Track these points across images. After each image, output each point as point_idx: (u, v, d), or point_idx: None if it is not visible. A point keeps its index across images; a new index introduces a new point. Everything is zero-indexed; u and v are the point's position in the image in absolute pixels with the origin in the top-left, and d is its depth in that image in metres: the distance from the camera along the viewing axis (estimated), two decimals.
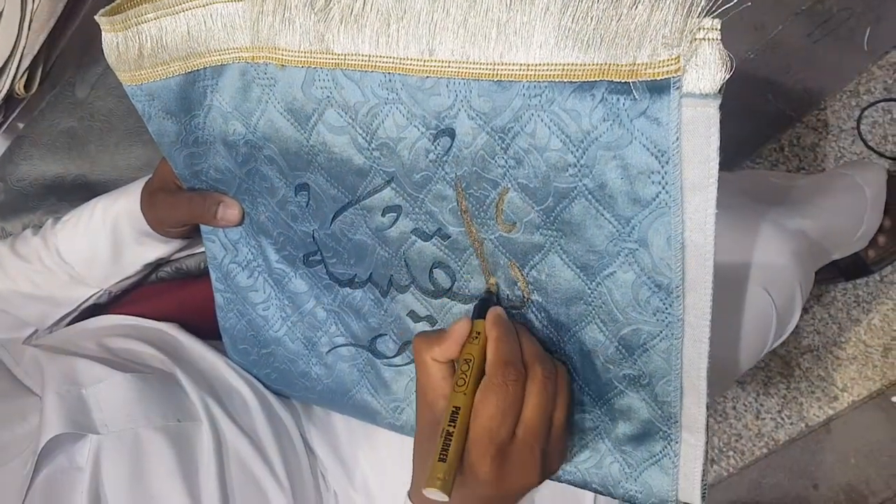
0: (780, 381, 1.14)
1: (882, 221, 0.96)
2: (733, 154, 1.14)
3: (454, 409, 0.43)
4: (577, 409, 0.51)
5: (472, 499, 0.45)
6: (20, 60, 0.77)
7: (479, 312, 0.47)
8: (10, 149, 0.77)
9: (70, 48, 0.83)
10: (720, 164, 0.37)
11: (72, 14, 0.79)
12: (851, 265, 1.00)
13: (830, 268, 0.97)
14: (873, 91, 1.05)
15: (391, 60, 0.42)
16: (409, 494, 0.49)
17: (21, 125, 0.83)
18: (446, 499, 0.40)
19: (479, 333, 0.45)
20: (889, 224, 0.97)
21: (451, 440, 0.42)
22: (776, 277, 0.59)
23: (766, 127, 1.11)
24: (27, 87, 0.78)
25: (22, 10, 0.75)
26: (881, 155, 1.05)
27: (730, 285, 0.56)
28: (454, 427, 0.42)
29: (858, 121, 1.06)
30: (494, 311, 0.46)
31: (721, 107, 0.36)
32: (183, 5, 0.46)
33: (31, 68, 0.77)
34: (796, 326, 0.64)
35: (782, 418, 1.15)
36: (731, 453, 1.19)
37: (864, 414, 1.10)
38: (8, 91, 0.77)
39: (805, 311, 1.11)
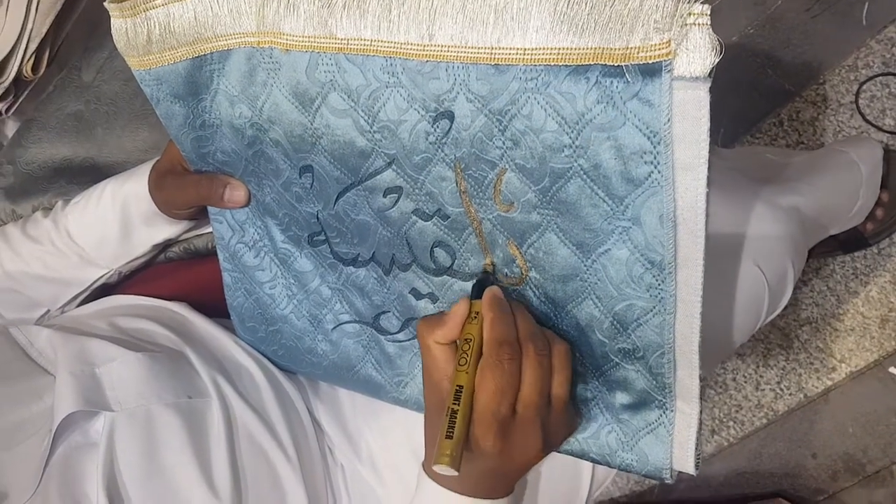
0: (779, 352, 1.16)
1: (879, 195, 0.96)
2: (732, 128, 1.14)
3: (457, 387, 0.45)
4: (576, 380, 0.52)
5: (480, 472, 0.48)
6: (27, 43, 0.78)
7: (478, 292, 0.49)
8: (18, 132, 0.79)
9: (76, 32, 0.84)
10: (718, 140, 0.38)
11: None
12: (849, 238, 1.01)
13: (829, 241, 0.98)
14: (871, 65, 1.06)
15: (392, 45, 0.43)
16: (423, 466, 0.51)
17: (29, 109, 0.85)
18: (455, 473, 0.42)
19: (477, 313, 0.47)
20: (887, 198, 0.98)
21: (456, 418, 0.44)
22: (768, 254, 0.60)
23: (766, 101, 1.12)
24: (35, 69, 0.79)
25: None
26: (879, 129, 1.05)
27: (722, 261, 0.58)
28: (458, 405, 0.44)
29: (857, 95, 1.06)
30: (490, 291, 0.48)
31: (720, 82, 0.36)
32: None
33: (39, 51, 0.79)
34: (795, 298, 0.65)
35: (781, 389, 1.17)
36: (731, 424, 1.21)
37: (861, 384, 1.12)
38: (16, 73, 0.78)
39: (803, 283, 1.13)
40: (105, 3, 0.48)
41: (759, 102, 1.12)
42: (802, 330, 1.14)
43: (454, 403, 0.44)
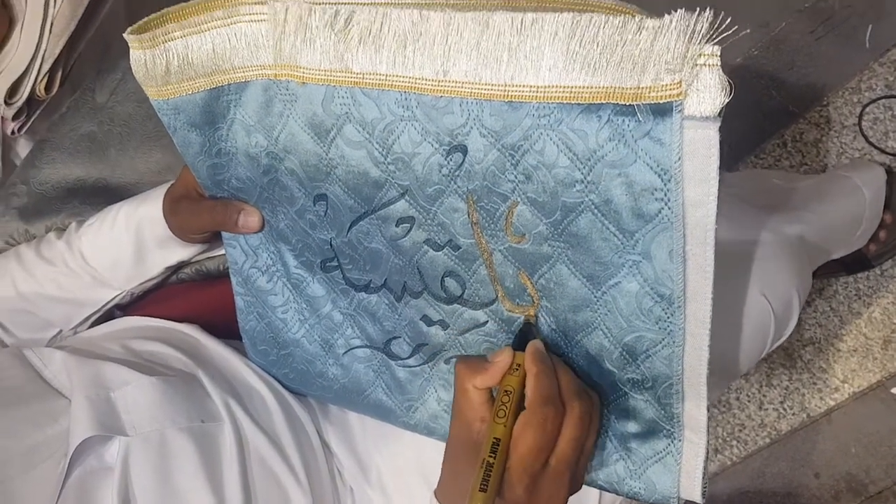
0: (782, 372, 1.17)
1: (883, 217, 0.97)
2: (737, 149, 1.15)
3: (495, 440, 0.45)
4: None
5: None
6: (41, 63, 0.79)
7: (519, 343, 0.49)
8: (32, 153, 0.79)
9: (88, 52, 0.85)
10: (724, 160, 0.39)
11: (90, 18, 0.81)
12: (853, 259, 1.01)
13: (832, 262, 0.99)
14: (875, 88, 1.07)
15: (407, 80, 0.44)
16: (436, 493, 0.52)
17: (43, 130, 0.86)
18: None
19: (518, 366, 0.47)
20: (890, 219, 0.98)
21: (491, 471, 0.44)
22: (774, 283, 0.61)
23: (770, 122, 1.13)
24: (48, 89, 0.80)
25: (44, 15, 0.77)
26: (882, 151, 1.06)
27: (729, 291, 0.58)
28: (494, 458, 0.44)
29: (860, 117, 1.07)
30: (534, 346, 0.48)
31: (726, 105, 0.37)
32: (208, 24, 0.48)
33: (52, 71, 0.80)
34: (798, 318, 0.66)
35: (784, 409, 1.17)
36: (734, 443, 1.21)
37: (864, 405, 1.13)
38: (29, 93, 0.79)
39: (807, 303, 1.13)
40: (125, 35, 0.49)
41: (764, 123, 1.13)
42: (806, 350, 1.14)
43: (490, 456, 0.44)
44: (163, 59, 0.50)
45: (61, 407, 0.55)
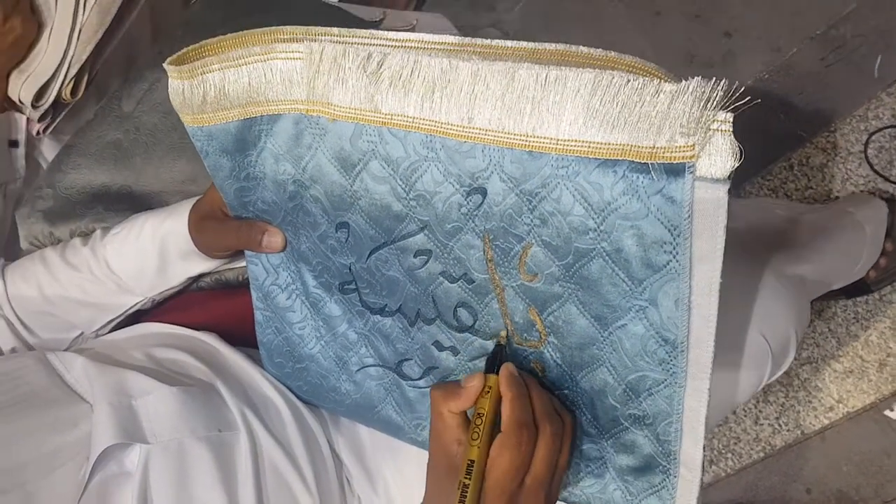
0: (779, 389, 1.19)
1: (884, 244, 0.99)
2: (745, 169, 1.17)
3: (469, 462, 0.48)
4: (586, 440, 0.55)
5: None
6: (68, 68, 0.81)
7: (490, 366, 0.52)
8: (58, 157, 0.82)
9: (114, 59, 0.87)
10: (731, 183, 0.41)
11: (117, 27, 0.83)
12: (852, 285, 1.04)
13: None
14: (881, 117, 1.09)
15: (433, 124, 0.46)
16: None
17: (69, 131, 0.88)
18: None
19: (490, 388, 0.50)
20: (891, 247, 1.00)
21: (467, 492, 0.47)
22: (773, 324, 0.64)
23: (778, 145, 1.15)
24: (73, 93, 0.82)
25: (73, 22, 0.79)
26: (886, 179, 1.08)
27: (730, 331, 0.61)
28: (469, 479, 0.47)
29: (866, 145, 1.09)
30: (507, 370, 0.50)
31: (736, 125, 0.39)
32: (246, 59, 0.50)
33: (78, 76, 0.82)
34: None
35: (780, 425, 1.20)
36: (729, 455, 1.24)
37: (857, 425, 1.15)
38: (55, 96, 0.82)
39: (807, 326, 1.15)
40: (164, 65, 0.51)
41: (771, 146, 1.15)
42: (803, 369, 1.17)
43: (466, 477, 0.47)
44: (200, 90, 0.52)
45: (82, 412, 0.57)
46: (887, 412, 1.12)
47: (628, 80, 0.40)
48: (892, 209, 0.99)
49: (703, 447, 0.49)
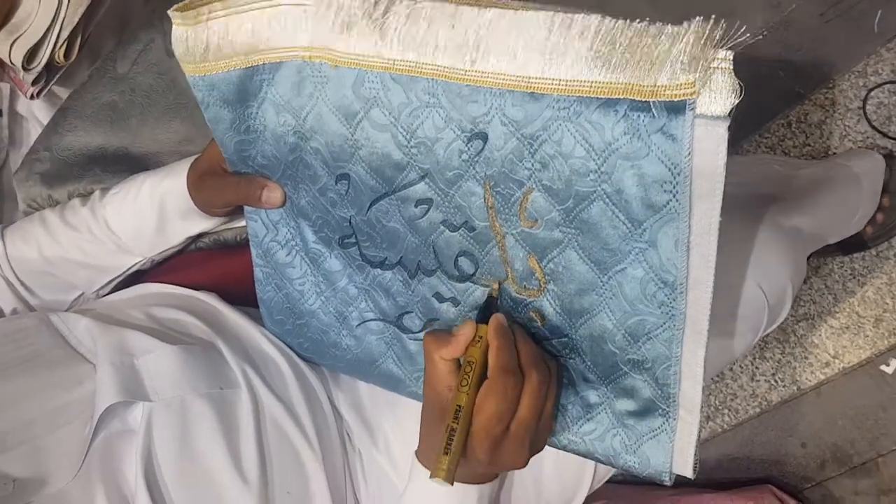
0: (775, 345, 1.20)
1: (881, 200, 1.00)
2: (743, 127, 1.17)
3: (457, 407, 0.49)
4: (585, 386, 0.56)
5: (470, 474, 0.55)
6: (60, 31, 0.80)
7: (482, 316, 0.53)
8: (54, 119, 0.81)
9: (108, 21, 0.86)
10: (729, 140, 0.41)
11: None
12: (849, 241, 1.04)
13: (829, 244, 1.02)
14: (880, 73, 1.08)
15: (436, 68, 0.46)
16: (416, 454, 0.57)
17: (63, 95, 0.87)
18: (450, 486, 0.48)
19: (481, 337, 0.51)
20: (888, 202, 1.00)
21: (454, 435, 0.48)
22: (770, 275, 0.64)
23: (776, 102, 1.14)
24: (66, 55, 0.82)
25: None
26: (884, 135, 1.08)
27: (727, 282, 0.61)
28: (457, 423, 0.48)
29: (864, 101, 1.09)
30: (496, 319, 0.52)
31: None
32: (252, 5, 0.49)
33: (70, 38, 0.81)
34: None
35: (776, 381, 1.21)
36: (725, 411, 1.25)
37: (853, 380, 1.16)
38: (48, 59, 0.81)
39: (803, 281, 1.16)
40: (168, 12, 0.51)
41: (769, 103, 1.14)
42: (799, 325, 1.18)
43: (454, 421, 0.49)
44: (203, 37, 0.51)
45: (86, 371, 0.58)
46: (883, 367, 1.13)
47: (630, 23, 0.40)
48: (889, 164, 0.99)
49: (703, 389, 0.50)
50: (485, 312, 0.54)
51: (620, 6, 0.45)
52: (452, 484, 0.48)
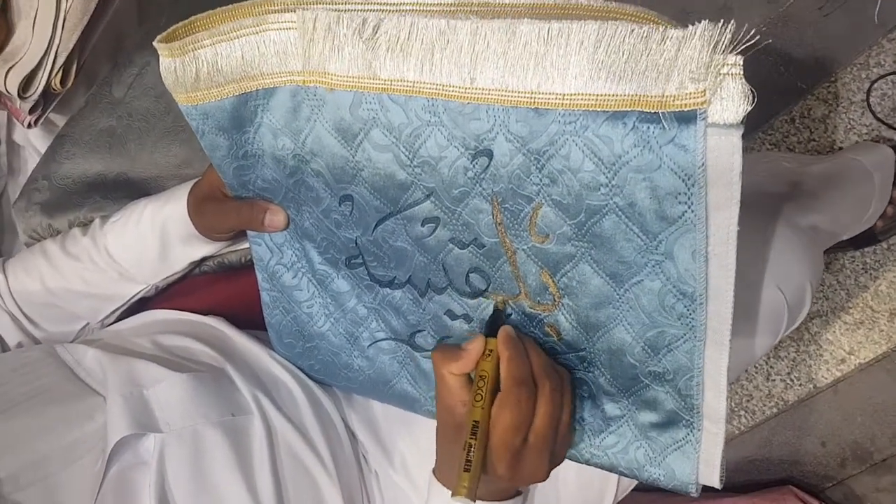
0: (789, 344, 1.19)
1: (892, 192, 0.98)
2: (746, 125, 1.16)
3: (474, 423, 0.48)
4: (606, 399, 0.55)
5: (492, 490, 0.54)
6: (55, 57, 0.79)
7: (490, 329, 0.52)
8: (52, 148, 0.80)
9: (101, 46, 0.85)
10: None
11: (102, 12, 0.81)
12: (860, 235, 1.03)
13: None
14: (883, 64, 1.07)
15: (434, 87, 0.45)
16: (434, 472, 0.56)
17: (60, 122, 0.87)
18: (472, 503, 0.47)
19: (491, 351, 0.51)
20: None
21: (473, 451, 0.47)
22: (788, 276, 0.63)
23: (778, 99, 1.13)
24: (63, 82, 0.81)
25: (56, 10, 0.77)
26: (890, 126, 1.07)
27: (745, 284, 0.60)
28: (475, 439, 0.48)
29: (868, 93, 1.08)
30: (505, 331, 0.51)
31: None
32: (238, 32, 0.48)
33: (66, 65, 0.80)
34: None
35: (791, 380, 1.20)
36: (742, 413, 1.24)
37: (870, 376, 1.15)
38: (44, 87, 0.80)
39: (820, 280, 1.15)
40: (154, 43, 0.50)
41: (771, 100, 1.13)
42: (812, 322, 1.16)
43: (471, 437, 0.48)
44: (192, 67, 0.50)
45: (96, 404, 0.57)
46: None
47: (633, 30, 0.39)
48: None
49: (726, 399, 0.49)
50: (492, 325, 0.53)
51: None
52: (475, 501, 0.47)
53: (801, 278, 0.64)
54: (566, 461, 0.58)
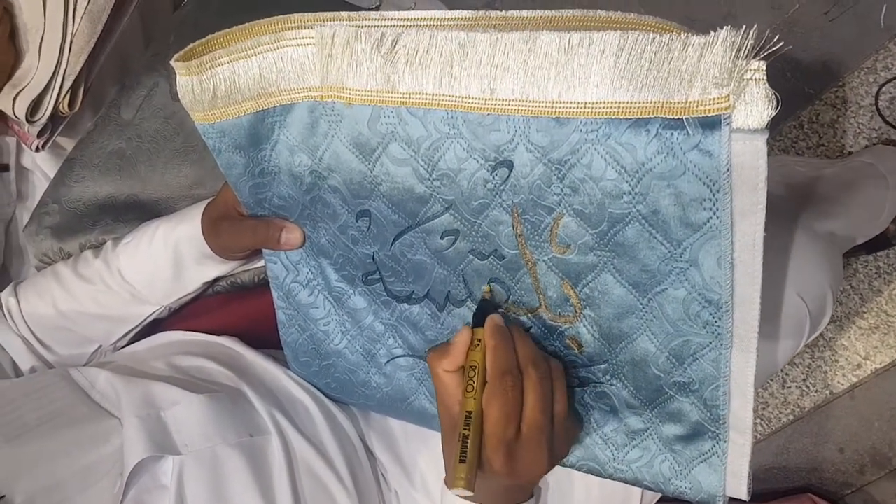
0: (804, 350, 1.18)
1: None
2: None
3: (467, 413, 0.48)
4: (629, 412, 0.54)
5: (495, 489, 0.52)
6: (62, 81, 0.79)
7: (479, 320, 0.52)
8: (61, 171, 0.80)
9: (108, 68, 0.85)
10: None
11: (108, 35, 0.81)
12: (873, 239, 1.02)
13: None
14: (891, 67, 1.07)
15: (454, 99, 0.44)
16: (445, 481, 0.56)
17: (66, 144, 0.86)
18: (471, 494, 0.46)
19: (480, 340, 0.50)
20: None
21: (467, 443, 0.47)
22: (809, 282, 0.63)
23: (785, 104, 1.11)
24: (70, 105, 0.81)
25: (63, 34, 0.77)
26: None
27: (767, 292, 0.60)
28: (469, 430, 0.47)
29: (876, 97, 1.07)
30: (491, 321, 0.51)
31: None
32: (255, 49, 0.48)
33: (74, 88, 0.80)
34: None
35: (807, 386, 1.19)
36: (758, 421, 1.23)
37: (886, 381, 1.14)
38: (52, 110, 0.80)
39: (841, 285, 1.14)
40: (171, 62, 0.50)
41: (779, 105, 1.13)
42: (827, 328, 1.15)
43: (465, 429, 0.47)
44: (210, 85, 0.50)
45: (112, 426, 0.56)
46: None
47: (654, 38, 0.39)
48: None
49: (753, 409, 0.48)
50: (481, 316, 0.53)
51: (617, 9, 0.44)
52: (473, 491, 0.46)
53: (822, 285, 0.63)
54: (589, 475, 0.58)
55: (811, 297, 0.62)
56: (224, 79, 0.50)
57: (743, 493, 0.52)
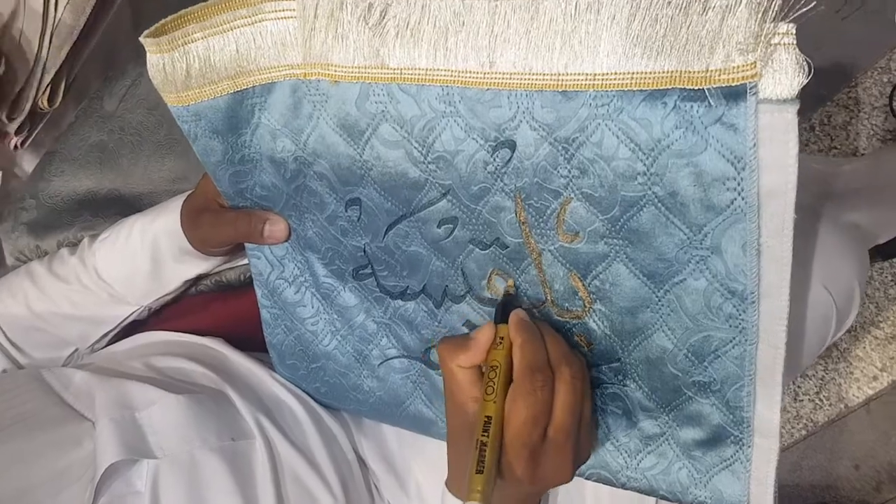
0: (818, 362, 1.13)
1: None
2: None
3: (486, 418, 0.43)
4: (643, 415, 0.50)
5: (510, 497, 0.48)
6: (42, 76, 0.76)
7: (501, 316, 0.47)
8: (40, 165, 0.77)
9: (93, 60, 0.82)
10: None
11: (93, 28, 0.78)
12: (888, 245, 0.98)
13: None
14: None
15: (449, 73, 0.41)
16: (446, 484, 0.51)
17: (49, 141, 0.83)
18: None
19: (502, 338, 0.46)
20: None
21: (485, 450, 0.42)
22: (835, 275, 0.59)
23: None
24: (50, 101, 0.78)
25: (42, 27, 0.74)
26: None
27: (792, 285, 0.57)
28: (487, 436, 0.42)
29: (890, 97, 1.04)
30: (517, 315, 0.46)
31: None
32: (231, 24, 0.45)
33: (54, 82, 0.77)
34: None
35: (821, 399, 1.14)
36: None
37: None
38: (31, 106, 0.76)
39: (867, 280, 1.10)
40: (141, 39, 0.46)
41: (811, 73, 1.10)
42: (842, 338, 1.11)
43: (483, 435, 0.43)
44: (183, 63, 0.46)
45: (84, 429, 0.53)
46: None
47: (669, 1, 0.35)
48: None
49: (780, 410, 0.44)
50: (503, 312, 0.48)
51: None
52: None
53: (848, 277, 0.59)
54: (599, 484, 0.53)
55: (838, 291, 0.58)
56: (198, 56, 0.46)
57: (769, 502, 0.48)
